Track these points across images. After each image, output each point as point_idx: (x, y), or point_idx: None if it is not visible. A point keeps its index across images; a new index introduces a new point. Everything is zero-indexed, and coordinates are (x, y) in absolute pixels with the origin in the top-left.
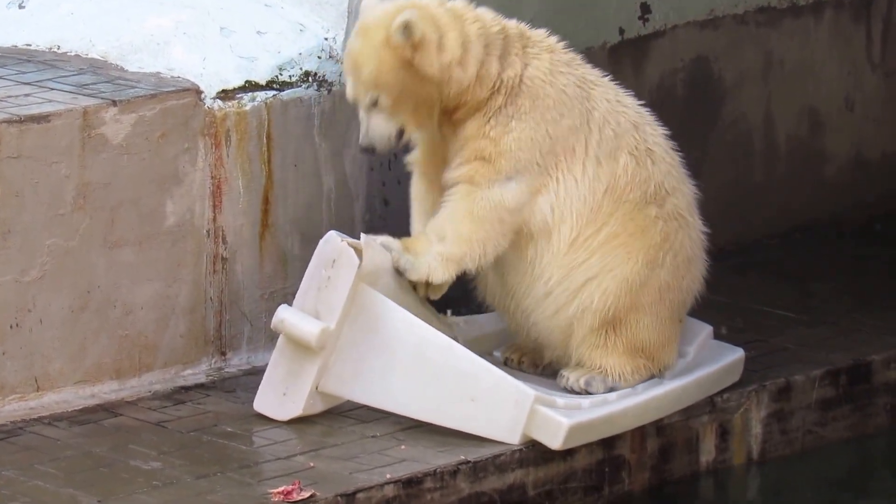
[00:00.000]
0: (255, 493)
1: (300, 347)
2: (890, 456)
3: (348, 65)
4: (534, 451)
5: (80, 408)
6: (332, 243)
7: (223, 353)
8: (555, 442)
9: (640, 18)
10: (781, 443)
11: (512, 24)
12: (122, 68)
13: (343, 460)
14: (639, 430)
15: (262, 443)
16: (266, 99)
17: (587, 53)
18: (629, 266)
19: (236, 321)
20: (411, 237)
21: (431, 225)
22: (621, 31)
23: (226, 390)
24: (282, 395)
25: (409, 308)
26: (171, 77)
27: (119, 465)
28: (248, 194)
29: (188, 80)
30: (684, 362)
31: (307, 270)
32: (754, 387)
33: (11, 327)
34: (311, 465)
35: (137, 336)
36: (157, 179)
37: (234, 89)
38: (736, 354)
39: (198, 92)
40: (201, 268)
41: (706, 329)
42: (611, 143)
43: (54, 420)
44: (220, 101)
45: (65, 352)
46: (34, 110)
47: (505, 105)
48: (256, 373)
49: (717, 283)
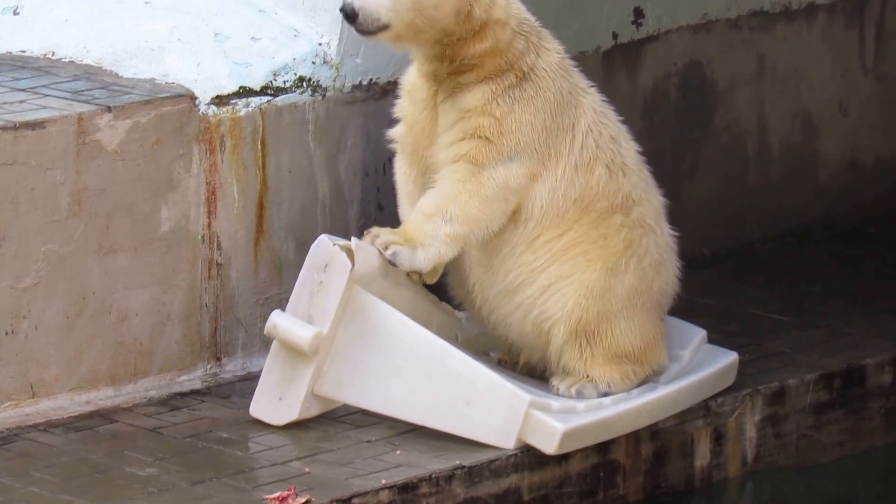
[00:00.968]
0: (251, 498)
1: (294, 352)
2: (884, 460)
3: None
4: (529, 456)
5: (76, 414)
6: (324, 247)
7: (218, 359)
8: (549, 446)
9: (633, 23)
10: (776, 447)
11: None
12: (116, 74)
13: (338, 465)
14: (633, 434)
15: (258, 448)
16: (260, 105)
17: (581, 58)
18: (588, 273)
19: (231, 327)
20: (405, 225)
21: (427, 204)
22: (615, 36)
23: (221, 396)
24: (277, 399)
25: (407, 304)
26: (166, 83)
27: (115, 471)
28: (243, 200)
29: (182, 86)
30: (679, 366)
31: (300, 275)
32: (748, 391)
33: (7, 334)
34: (307, 470)
35: (133, 342)
36: (152, 185)
37: (229, 95)
38: (730, 358)
39: (192, 98)
40: (196, 274)
41: (700, 333)
42: (591, 153)
43: (50, 426)
44: (214, 107)
45: (60, 358)
46: (29, 117)
47: (513, 87)
48: (252, 378)
49: (711, 286)
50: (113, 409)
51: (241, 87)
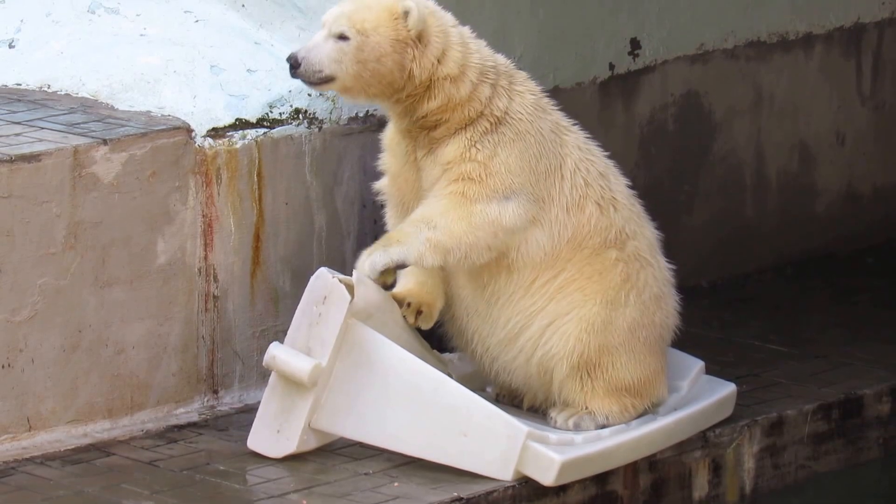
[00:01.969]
0: None
1: (292, 384)
2: (882, 489)
3: None
4: (527, 488)
5: (73, 447)
6: (323, 279)
7: (215, 392)
8: (547, 478)
9: (629, 53)
10: (774, 477)
11: (501, 59)
12: (112, 107)
13: (336, 498)
14: (631, 465)
15: (255, 481)
16: (256, 137)
17: (577, 89)
18: (587, 308)
19: (228, 359)
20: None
21: (415, 214)
22: (611, 67)
23: (218, 429)
24: (276, 432)
25: (402, 344)
26: (162, 115)
27: None
28: (240, 232)
29: (178, 119)
30: (677, 397)
31: (298, 307)
32: (746, 421)
33: (3, 367)
34: (304, 502)
35: (129, 375)
36: (148, 218)
37: (225, 127)
38: (728, 389)
39: (188, 130)
40: (193, 306)
41: (698, 364)
42: (580, 191)
43: (46, 460)
44: (210, 140)
45: (57, 391)
46: (25, 149)
47: (489, 132)
48: (249, 411)
49: (709, 317)
50: (110, 442)
51: (237, 120)
